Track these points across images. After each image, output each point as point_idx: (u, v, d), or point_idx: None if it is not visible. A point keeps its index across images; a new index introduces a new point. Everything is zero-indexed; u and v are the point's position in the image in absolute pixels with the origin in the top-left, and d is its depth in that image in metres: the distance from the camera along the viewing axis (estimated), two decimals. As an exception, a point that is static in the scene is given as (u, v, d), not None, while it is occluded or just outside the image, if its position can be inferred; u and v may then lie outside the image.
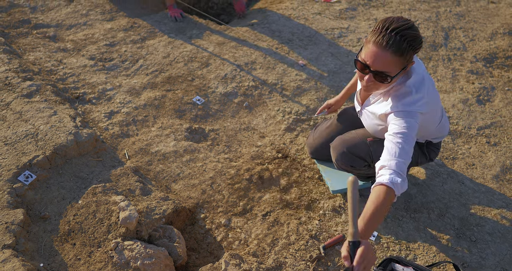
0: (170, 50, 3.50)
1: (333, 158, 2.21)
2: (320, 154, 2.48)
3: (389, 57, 1.60)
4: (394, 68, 1.64)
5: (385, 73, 1.65)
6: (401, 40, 1.57)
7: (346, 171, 2.23)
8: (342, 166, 2.18)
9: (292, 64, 3.43)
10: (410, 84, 1.77)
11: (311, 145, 2.52)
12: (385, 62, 1.62)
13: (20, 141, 2.41)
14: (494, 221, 2.33)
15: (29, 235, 2.04)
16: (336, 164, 2.22)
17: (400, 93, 1.79)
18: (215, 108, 3.01)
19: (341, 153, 2.13)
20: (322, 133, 2.48)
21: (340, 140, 2.18)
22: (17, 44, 3.43)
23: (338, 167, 2.23)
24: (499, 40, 3.85)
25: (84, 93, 3.00)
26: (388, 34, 1.58)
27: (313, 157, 2.55)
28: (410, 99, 1.75)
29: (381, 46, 1.59)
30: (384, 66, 1.63)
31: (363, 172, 2.22)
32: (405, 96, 1.77)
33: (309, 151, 2.55)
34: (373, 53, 1.62)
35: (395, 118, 1.75)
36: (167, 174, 2.51)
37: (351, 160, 2.12)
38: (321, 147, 2.46)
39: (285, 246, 2.16)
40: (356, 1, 4.42)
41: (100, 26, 3.77)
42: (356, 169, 2.16)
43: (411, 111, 1.74)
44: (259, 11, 4.24)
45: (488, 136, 2.88)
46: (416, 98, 1.75)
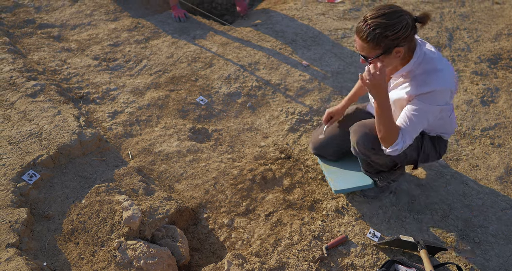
0: (173, 51, 3.51)
1: (353, 142, 2.13)
2: (324, 149, 2.46)
3: (363, 43, 1.79)
4: (370, 53, 1.80)
5: (363, 56, 1.84)
6: (370, 29, 1.73)
7: (364, 155, 2.13)
8: (362, 149, 2.10)
9: (295, 64, 3.43)
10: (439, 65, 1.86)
11: (315, 141, 2.50)
12: (362, 47, 1.81)
13: (24, 140, 2.42)
14: (498, 222, 2.32)
15: (33, 234, 2.04)
16: (355, 148, 2.13)
17: (425, 70, 1.86)
18: (219, 108, 3.01)
19: (363, 135, 2.07)
20: (327, 129, 2.46)
21: (361, 123, 2.14)
22: (21, 44, 3.44)
23: (357, 151, 2.14)
24: (503, 41, 3.83)
25: (88, 93, 3.01)
26: (362, 22, 1.76)
27: (316, 153, 2.52)
28: (440, 75, 1.83)
29: (358, 34, 1.79)
30: (362, 49, 1.82)
31: (380, 159, 2.14)
32: (431, 74, 1.84)
33: (312, 147, 2.52)
34: (356, 41, 1.84)
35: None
36: (170, 173, 2.51)
37: (374, 141, 2.04)
38: (326, 142, 2.44)
39: (288, 247, 2.16)
40: (360, 1, 4.41)
41: (104, 26, 3.78)
42: (376, 152, 2.07)
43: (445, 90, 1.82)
44: (263, 11, 4.24)
45: (492, 137, 2.87)
46: (445, 73, 1.84)
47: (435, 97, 1.84)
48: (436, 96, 1.83)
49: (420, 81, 1.86)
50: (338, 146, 2.43)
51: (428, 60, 1.87)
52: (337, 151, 2.46)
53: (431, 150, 2.19)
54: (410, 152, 2.10)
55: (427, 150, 2.17)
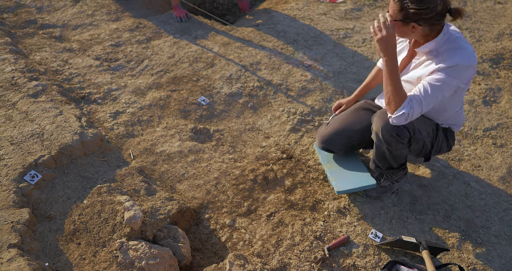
0: (175, 51, 3.51)
1: (377, 127, 2.09)
2: (333, 142, 2.41)
3: (393, 2, 1.88)
4: (394, 13, 1.89)
5: (389, 15, 1.92)
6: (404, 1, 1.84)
7: (386, 143, 2.09)
8: (386, 135, 2.05)
9: (297, 64, 3.43)
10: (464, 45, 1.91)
11: (323, 133, 2.44)
12: (391, 5, 1.90)
13: (26, 141, 2.43)
14: (500, 223, 2.32)
15: (35, 235, 2.04)
16: (379, 135, 2.09)
17: (454, 48, 1.91)
18: (220, 108, 3.01)
19: (388, 120, 2.03)
20: (336, 120, 2.44)
21: (385, 110, 2.11)
22: (23, 44, 3.45)
23: (380, 138, 2.09)
24: (505, 41, 3.82)
25: (90, 93, 3.01)
26: None
27: (324, 146, 2.45)
28: (464, 52, 1.88)
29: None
30: (391, 7, 1.91)
31: (399, 149, 2.13)
32: (457, 50, 1.89)
33: (320, 140, 2.46)
34: (390, 3, 1.93)
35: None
36: (171, 174, 2.51)
37: (398, 128, 2.02)
38: (335, 134, 2.39)
39: (289, 247, 2.16)
40: (361, 1, 4.41)
41: (105, 27, 3.78)
42: (400, 139, 2.05)
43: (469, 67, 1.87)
44: (264, 11, 4.24)
45: (495, 137, 2.86)
46: (469, 51, 1.89)
47: (458, 72, 1.87)
48: (459, 70, 1.87)
49: (445, 56, 1.90)
50: (347, 138, 2.38)
51: (453, 39, 1.93)
52: (347, 143, 2.41)
53: (444, 141, 2.21)
54: (426, 142, 2.12)
55: (440, 141, 2.18)
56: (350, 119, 2.39)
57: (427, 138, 2.10)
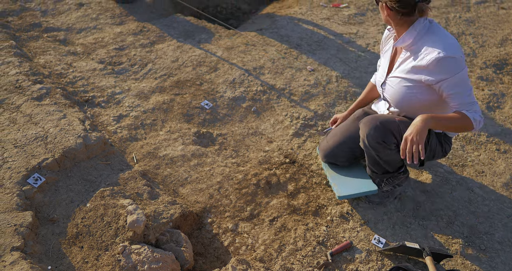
0: (178, 55, 3.52)
1: (363, 134, 2.10)
2: (335, 155, 2.41)
3: None
4: None
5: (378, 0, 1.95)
6: None
7: (374, 149, 2.10)
8: (372, 142, 2.07)
9: (300, 69, 3.43)
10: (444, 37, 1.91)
11: (325, 147, 2.45)
12: None
13: (29, 144, 2.43)
14: (504, 229, 2.31)
15: (38, 238, 2.05)
16: (365, 141, 2.10)
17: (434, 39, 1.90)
18: (223, 112, 3.01)
19: (374, 126, 2.04)
20: (337, 133, 2.43)
21: (371, 116, 2.12)
22: (27, 48, 3.46)
23: (367, 144, 2.11)
24: (509, 47, 3.82)
25: (93, 97, 3.02)
26: None
27: (327, 160, 2.47)
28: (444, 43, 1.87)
29: None
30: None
31: (388, 155, 2.13)
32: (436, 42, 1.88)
33: (323, 155, 2.47)
34: None
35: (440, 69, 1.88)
36: (174, 178, 2.51)
37: (384, 134, 2.03)
38: (336, 147, 2.39)
39: (292, 252, 2.15)
40: (365, 6, 4.42)
41: (109, 30, 3.80)
42: (387, 145, 2.06)
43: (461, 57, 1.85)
44: (268, 16, 4.25)
45: (498, 143, 2.85)
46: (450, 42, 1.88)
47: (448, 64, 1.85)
48: (447, 62, 1.85)
49: (425, 51, 1.90)
50: (350, 150, 2.38)
51: (434, 31, 1.93)
52: (350, 156, 2.41)
53: (437, 146, 2.18)
54: None
55: (433, 147, 2.16)
56: (350, 131, 2.38)
57: None
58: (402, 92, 2.03)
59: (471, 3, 4.52)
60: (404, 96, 2.03)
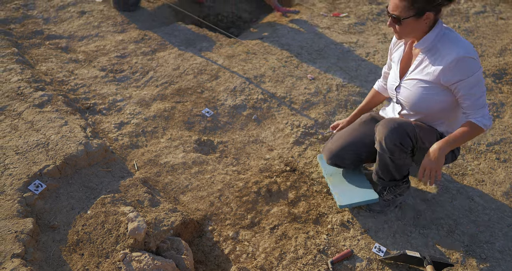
0: (180, 63, 3.54)
1: (380, 137, 2.09)
2: (341, 158, 2.38)
3: (398, 2, 1.87)
4: (403, 12, 1.88)
5: (396, 16, 1.90)
6: None
7: (390, 152, 2.08)
8: (390, 144, 2.05)
9: (301, 77, 3.45)
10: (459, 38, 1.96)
11: (331, 149, 2.42)
12: (396, 6, 1.89)
13: (31, 150, 2.44)
14: (505, 238, 2.31)
15: (38, 245, 2.04)
16: (382, 143, 2.08)
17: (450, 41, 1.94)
18: (224, 120, 3.02)
19: (392, 129, 2.04)
20: (342, 135, 2.42)
21: (389, 119, 2.12)
22: (29, 55, 3.48)
23: (383, 147, 2.08)
24: (508, 56, 3.85)
25: (95, 104, 3.03)
26: None
27: (332, 162, 2.43)
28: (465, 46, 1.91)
29: None
30: (395, 9, 1.90)
31: (402, 159, 2.13)
32: (458, 43, 1.92)
33: (328, 156, 2.43)
34: (390, 1, 1.94)
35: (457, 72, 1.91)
36: (175, 185, 2.51)
37: (402, 137, 2.03)
38: (342, 149, 2.37)
39: (293, 260, 2.15)
40: (364, 16, 4.45)
41: (111, 38, 3.82)
42: (403, 148, 2.05)
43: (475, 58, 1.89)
44: (269, 24, 4.28)
45: (498, 152, 2.86)
46: (467, 43, 1.92)
47: (465, 65, 1.89)
48: (463, 64, 1.89)
49: (443, 52, 1.94)
50: (355, 152, 2.36)
51: (448, 33, 1.96)
52: (355, 158, 2.39)
53: (448, 153, 2.17)
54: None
55: None
56: (356, 133, 2.38)
57: (430, 146, 2.09)
58: (419, 93, 2.04)
59: (470, 13, 4.57)
60: (421, 97, 2.04)
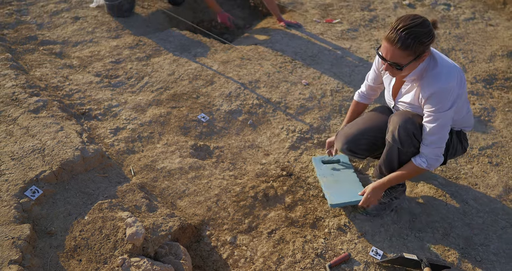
0: (175, 68, 3.55)
1: (394, 126, 2.10)
2: (357, 143, 2.34)
3: (397, 51, 1.87)
4: (403, 60, 1.90)
5: (396, 63, 1.92)
6: (406, 37, 1.83)
7: (401, 143, 2.09)
8: (403, 133, 2.07)
9: (295, 83, 3.48)
10: (440, 67, 1.99)
11: (347, 133, 2.37)
12: (395, 55, 1.89)
13: (27, 156, 2.42)
14: (499, 241, 2.34)
15: (35, 251, 2.03)
16: (395, 133, 2.09)
17: (432, 74, 1.98)
18: (220, 125, 3.03)
19: (406, 119, 2.07)
20: (358, 122, 2.40)
21: (403, 111, 2.17)
22: (23, 60, 3.47)
23: (395, 137, 2.10)
24: (498, 62, 3.92)
25: (90, 110, 3.02)
26: (395, 32, 1.85)
27: (348, 147, 2.36)
28: (443, 78, 1.95)
29: (390, 42, 1.87)
30: (395, 58, 1.90)
31: (409, 154, 2.15)
32: (438, 76, 1.96)
33: (343, 141, 2.37)
34: (385, 48, 1.92)
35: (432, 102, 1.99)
36: (172, 190, 2.51)
37: (416, 128, 2.06)
38: (360, 133, 2.32)
39: (291, 265, 2.16)
40: (357, 22, 4.51)
41: (106, 44, 3.82)
42: (415, 139, 2.08)
43: (447, 89, 1.94)
44: (262, 30, 4.31)
45: (490, 156, 2.91)
46: (448, 76, 1.96)
47: (442, 96, 1.95)
48: (438, 98, 1.95)
49: (425, 83, 2.00)
50: (373, 137, 2.32)
51: (432, 64, 2.01)
52: (372, 143, 2.34)
53: (458, 144, 2.29)
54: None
55: (455, 144, 2.27)
56: (373, 119, 2.37)
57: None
58: (414, 113, 2.13)
59: (459, 19, 4.64)
60: (417, 114, 2.13)
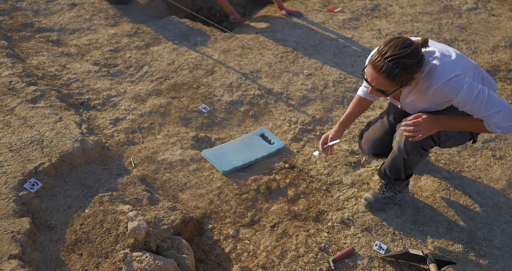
0: (174, 57, 3.48)
1: (400, 137, 2.05)
2: (383, 145, 2.30)
3: (382, 79, 1.76)
4: (389, 88, 1.80)
5: (382, 90, 1.82)
6: (393, 67, 1.71)
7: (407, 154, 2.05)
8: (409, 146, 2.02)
9: (297, 73, 3.43)
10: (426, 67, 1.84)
11: (372, 138, 2.34)
12: (380, 83, 1.79)
13: (25, 148, 2.37)
14: (503, 235, 2.33)
15: (35, 245, 1.99)
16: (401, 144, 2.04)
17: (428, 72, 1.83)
18: (221, 116, 2.99)
19: None
20: (382, 123, 2.34)
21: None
22: (20, 48, 3.39)
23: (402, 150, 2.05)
24: (501, 53, 3.88)
25: (89, 99, 2.96)
26: (382, 60, 1.72)
27: (375, 152, 2.35)
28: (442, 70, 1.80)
29: (376, 70, 1.75)
30: (379, 85, 1.80)
31: (416, 161, 2.16)
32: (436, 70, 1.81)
33: (370, 146, 2.35)
34: (370, 73, 1.81)
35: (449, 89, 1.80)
36: (174, 183, 2.48)
37: (423, 141, 1.99)
38: (385, 133, 2.30)
39: (294, 259, 2.14)
40: (359, 11, 4.44)
41: (103, 31, 3.74)
42: (422, 150, 2.03)
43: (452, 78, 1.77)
44: (263, 18, 4.24)
45: (493, 149, 2.89)
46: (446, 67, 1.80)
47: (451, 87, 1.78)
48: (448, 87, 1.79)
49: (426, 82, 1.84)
50: None
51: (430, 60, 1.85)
52: None
53: None
54: (456, 138, 2.09)
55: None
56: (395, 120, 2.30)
57: (457, 134, 2.06)
58: (423, 108, 2.02)
59: (462, 9, 4.58)
60: (427, 109, 2.02)
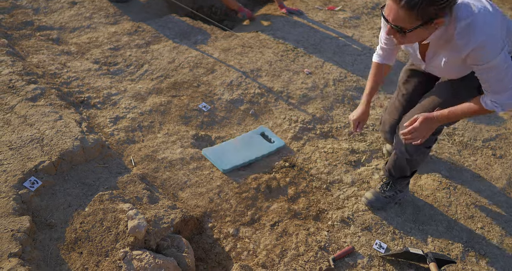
0: (175, 56, 3.48)
1: (399, 139, 2.03)
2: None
3: (401, 11, 1.56)
4: (407, 23, 1.60)
5: (399, 27, 1.62)
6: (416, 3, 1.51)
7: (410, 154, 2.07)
8: (411, 147, 2.01)
9: (297, 72, 3.42)
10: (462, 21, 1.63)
11: (389, 122, 2.30)
12: (398, 16, 1.59)
13: (25, 146, 2.37)
14: (503, 234, 2.33)
15: (35, 243, 1.99)
16: (402, 147, 2.05)
17: (465, 28, 1.63)
18: (221, 115, 2.98)
19: None
20: (394, 105, 2.29)
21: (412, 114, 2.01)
22: (20, 46, 3.38)
23: (403, 150, 2.07)
24: (502, 52, 3.87)
25: (89, 98, 2.96)
26: None
27: (390, 137, 2.33)
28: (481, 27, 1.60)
29: (395, 1, 1.56)
30: (398, 20, 1.60)
31: (421, 160, 2.15)
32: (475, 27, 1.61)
33: (388, 131, 2.32)
34: (388, 6, 1.62)
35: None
36: (173, 181, 2.48)
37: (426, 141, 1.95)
38: (399, 114, 2.24)
39: (294, 257, 2.14)
40: (359, 9, 4.43)
41: (104, 30, 3.74)
42: (424, 148, 2.03)
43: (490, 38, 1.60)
44: (263, 17, 4.23)
45: (494, 148, 2.89)
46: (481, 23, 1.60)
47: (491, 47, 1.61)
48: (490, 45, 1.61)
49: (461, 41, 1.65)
50: None
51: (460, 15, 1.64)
52: None
53: None
54: None
55: None
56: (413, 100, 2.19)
57: None
58: (449, 70, 1.89)
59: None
60: (453, 71, 1.90)
